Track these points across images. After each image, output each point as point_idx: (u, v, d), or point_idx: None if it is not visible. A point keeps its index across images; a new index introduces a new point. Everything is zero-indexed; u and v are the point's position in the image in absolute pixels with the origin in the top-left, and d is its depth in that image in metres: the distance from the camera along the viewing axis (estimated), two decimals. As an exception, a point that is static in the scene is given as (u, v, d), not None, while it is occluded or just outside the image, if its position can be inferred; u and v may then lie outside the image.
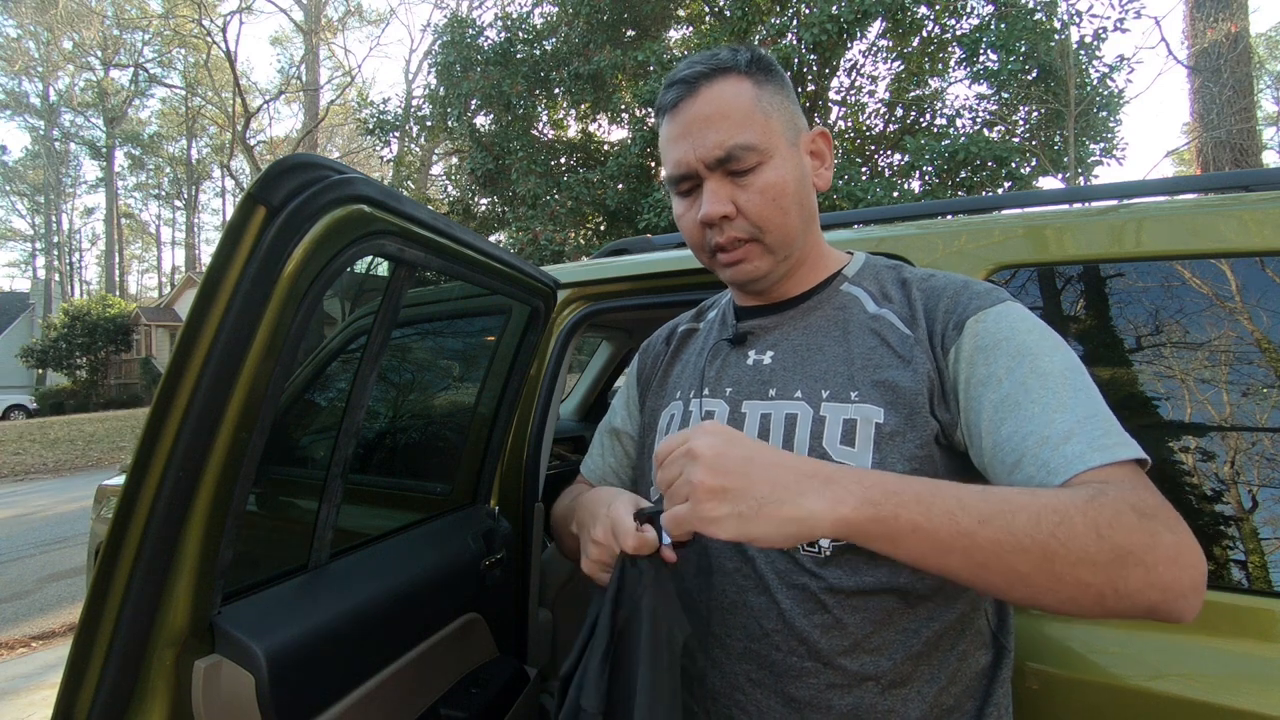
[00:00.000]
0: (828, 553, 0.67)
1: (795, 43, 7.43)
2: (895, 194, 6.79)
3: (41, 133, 31.62)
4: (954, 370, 0.67)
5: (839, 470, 0.54)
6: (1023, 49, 7.11)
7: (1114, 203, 1.20)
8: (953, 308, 0.70)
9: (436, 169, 17.77)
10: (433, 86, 10.24)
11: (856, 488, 0.52)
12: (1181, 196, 1.12)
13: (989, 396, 0.63)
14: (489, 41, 9.24)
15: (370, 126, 10.55)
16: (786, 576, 0.68)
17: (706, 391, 0.80)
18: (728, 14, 8.33)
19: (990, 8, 7.67)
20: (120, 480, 1.18)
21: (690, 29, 9.78)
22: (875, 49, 8.63)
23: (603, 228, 8.89)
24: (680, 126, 0.73)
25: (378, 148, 11.87)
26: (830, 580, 0.66)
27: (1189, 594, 0.50)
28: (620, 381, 0.84)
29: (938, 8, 7.77)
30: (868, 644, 0.66)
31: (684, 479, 0.55)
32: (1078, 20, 7.37)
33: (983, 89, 8.05)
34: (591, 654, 0.60)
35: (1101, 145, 8.17)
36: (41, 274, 34.74)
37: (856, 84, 9.08)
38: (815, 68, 8.21)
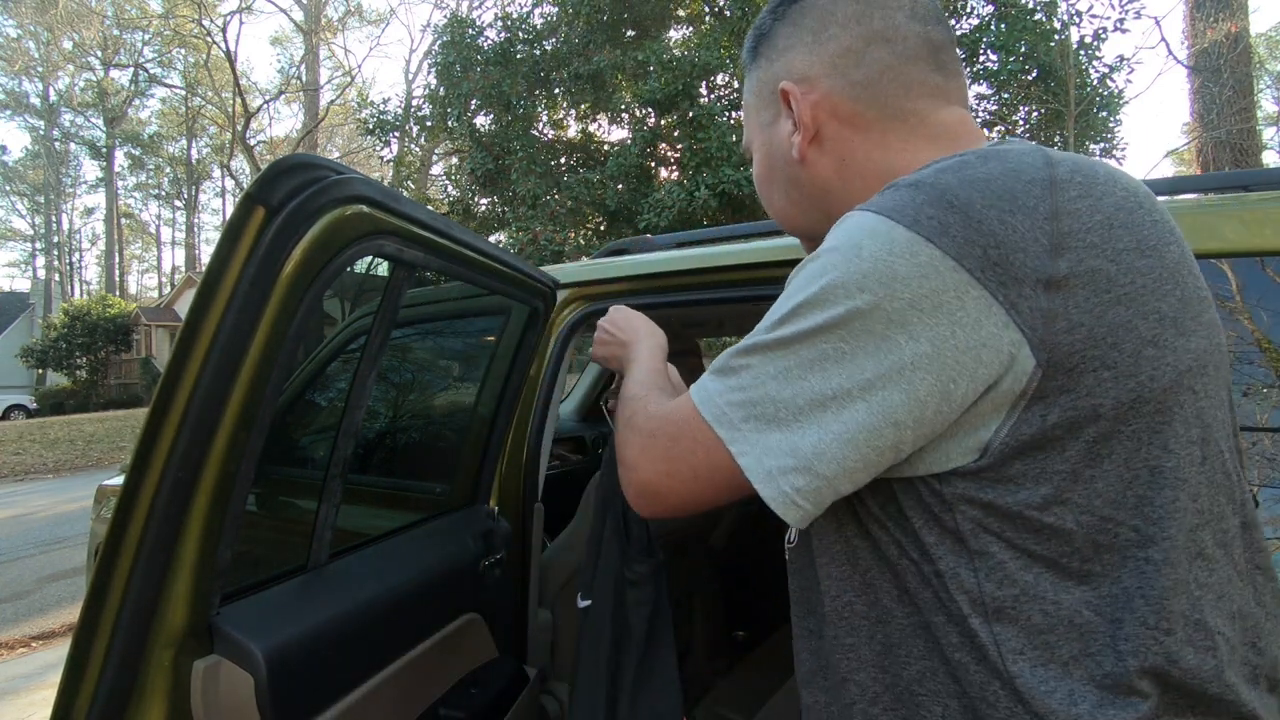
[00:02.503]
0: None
1: (795, 43, 7.41)
2: (895, 194, 6.77)
3: (41, 133, 31.64)
4: None
5: (642, 342, 0.85)
6: (1023, 49, 7.11)
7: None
8: None
9: (436, 169, 17.77)
10: (433, 86, 10.23)
11: (636, 355, 0.82)
12: (1181, 196, 1.12)
13: None
14: (489, 42, 9.24)
15: (370, 127, 10.55)
16: None
17: None
18: (728, 14, 8.33)
19: (990, 8, 7.67)
20: (120, 480, 1.18)
21: (690, 29, 9.78)
22: (875, 49, 8.61)
23: (603, 228, 8.88)
24: None
25: (378, 148, 11.86)
26: None
27: (634, 498, 0.58)
28: None
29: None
30: None
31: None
32: (1078, 20, 7.38)
33: (983, 89, 8.05)
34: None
35: (1101, 145, 8.17)
36: (41, 274, 34.78)
37: (857, 84, 9.05)
38: (815, 68, 8.19)
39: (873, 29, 0.57)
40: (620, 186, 8.30)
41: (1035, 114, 8.05)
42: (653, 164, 8.50)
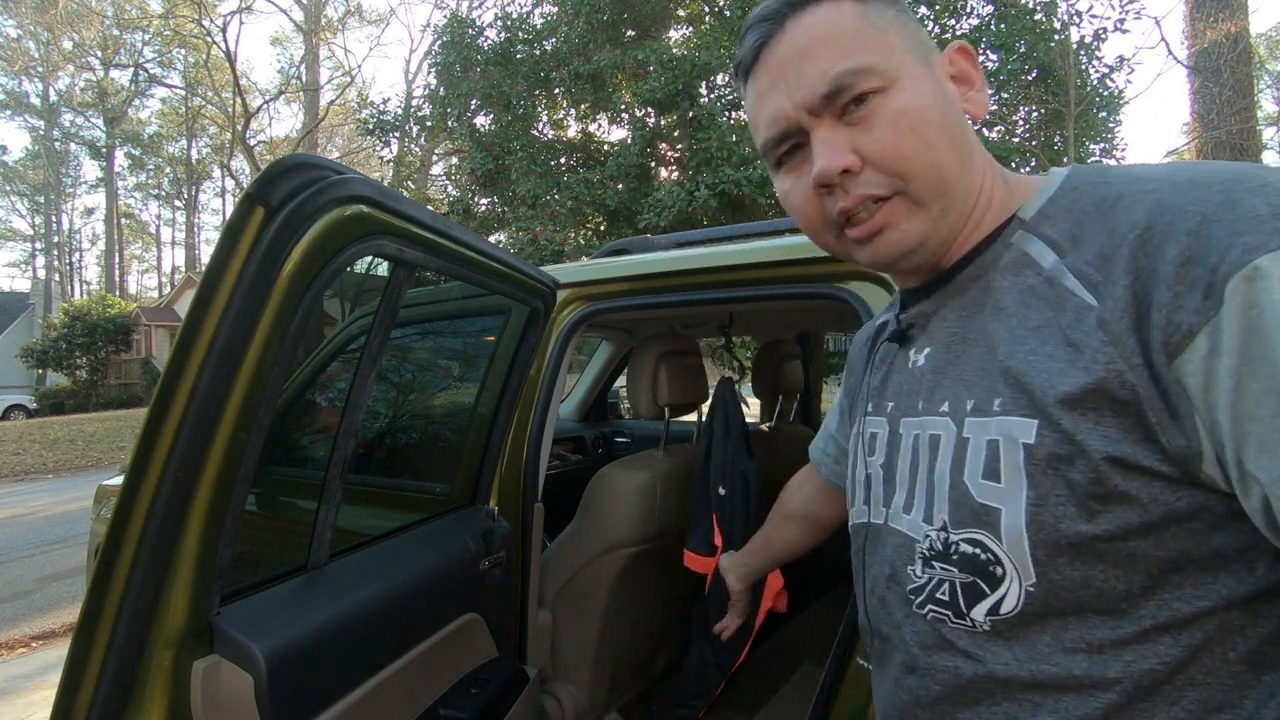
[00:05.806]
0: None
1: (795, 43, 7.41)
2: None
3: (41, 133, 31.61)
4: (1205, 369, 0.38)
5: None
6: (1022, 49, 7.12)
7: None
8: (1194, 254, 0.39)
9: (436, 169, 17.77)
10: (433, 87, 10.24)
11: None
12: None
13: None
14: (489, 42, 9.25)
15: (370, 127, 10.55)
16: None
17: (870, 408, 0.65)
18: (728, 14, 8.34)
19: (990, 8, 7.68)
20: (120, 480, 1.18)
21: (690, 29, 9.79)
22: (875, 49, 8.62)
23: (603, 228, 8.88)
24: (770, 75, 0.54)
25: (378, 148, 11.88)
26: None
27: None
28: None
29: (938, 8, 7.77)
30: None
31: None
32: (1078, 20, 7.39)
33: (983, 89, 8.06)
34: None
35: (1101, 145, 8.19)
36: (41, 274, 34.75)
37: (856, 84, 9.06)
38: (815, 68, 8.20)
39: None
40: (620, 186, 8.30)
41: (1035, 114, 8.06)
42: (653, 164, 8.51)
